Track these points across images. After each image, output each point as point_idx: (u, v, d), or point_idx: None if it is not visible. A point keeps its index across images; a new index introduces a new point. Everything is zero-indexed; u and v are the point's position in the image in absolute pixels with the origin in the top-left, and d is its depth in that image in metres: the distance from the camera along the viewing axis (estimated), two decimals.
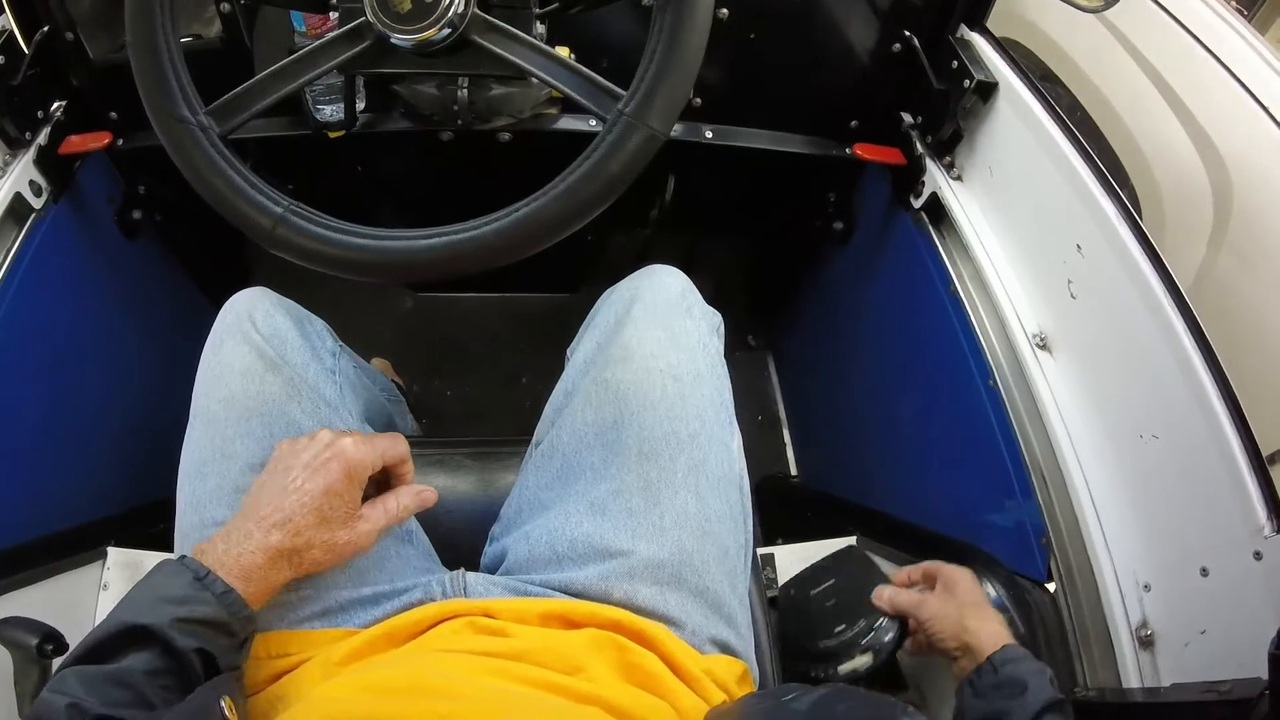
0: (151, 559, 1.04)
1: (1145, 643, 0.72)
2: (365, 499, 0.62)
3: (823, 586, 0.86)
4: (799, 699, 0.45)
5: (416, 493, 0.65)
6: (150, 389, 1.21)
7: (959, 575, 0.78)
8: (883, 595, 0.80)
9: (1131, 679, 0.71)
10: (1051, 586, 0.81)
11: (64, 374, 1.04)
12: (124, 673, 0.50)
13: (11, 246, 0.93)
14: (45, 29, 0.94)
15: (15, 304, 0.92)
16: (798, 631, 0.84)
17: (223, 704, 0.49)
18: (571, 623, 0.59)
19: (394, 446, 0.64)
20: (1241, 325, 1.00)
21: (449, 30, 0.65)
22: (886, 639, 0.78)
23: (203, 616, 0.52)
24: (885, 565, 0.97)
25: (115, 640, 0.51)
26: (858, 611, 0.80)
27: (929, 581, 0.80)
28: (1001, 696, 0.64)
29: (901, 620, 0.79)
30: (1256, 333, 0.98)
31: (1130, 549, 0.76)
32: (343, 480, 0.58)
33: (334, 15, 0.73)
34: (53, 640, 0.68)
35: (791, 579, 0.90)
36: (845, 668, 0.77)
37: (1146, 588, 0.74)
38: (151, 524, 1.11)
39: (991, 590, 0.86)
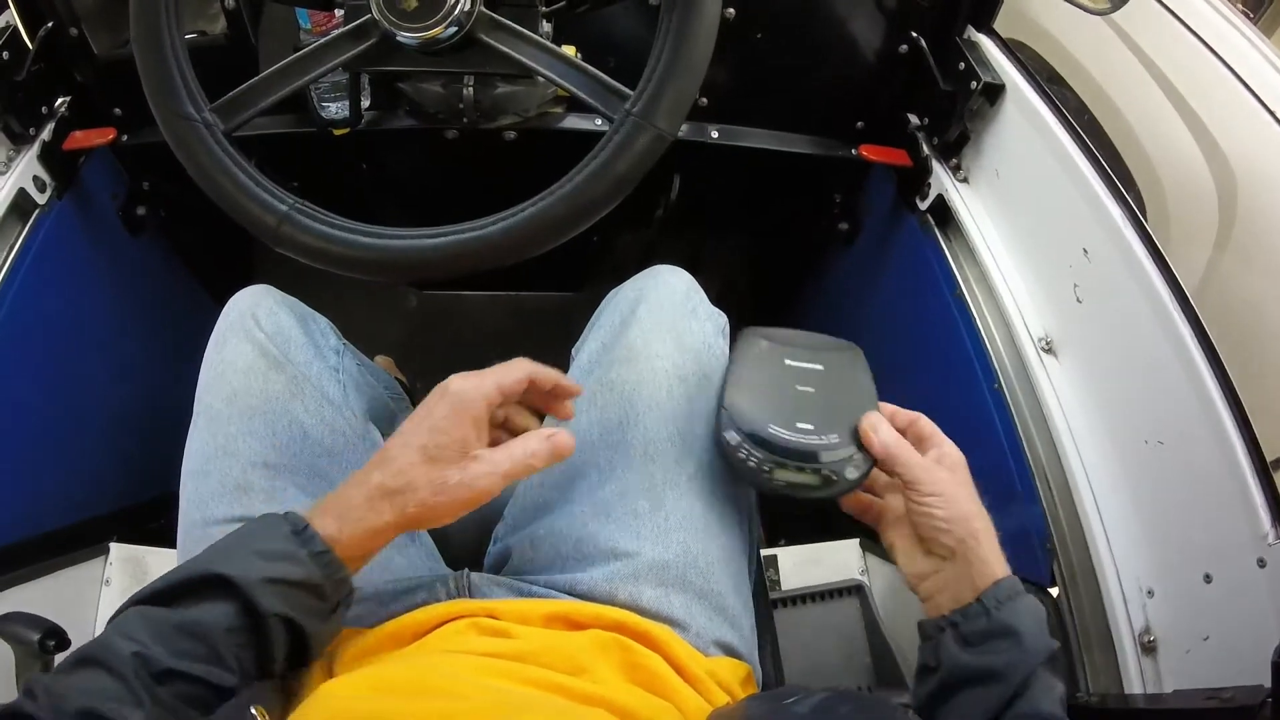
0: (154, 555, 1.04)
1: (1148, 648, 0.72)
2: None
3: (805, 365, 0.66)
4: (800, 702, 0.44)
5: (546, 437, 0.55)
6: (154, 385, 1.21)
7: (960, 460, 0.60)
8: (878, 432, 0.59)
9: (1134, 685, 0.71)
10: (1055, 591, 0.81)
11: (67, 370, 1.04)
12: (198, 624, 0.46)
13: (15, 242, 0.93)
14: (49, 25, 0.94)
15: (19, 300, 0.92)
16: (744, 384, 0.65)
17: (253, 711, 0.46)
18: (575, 624, 0.59)
19: (509, 371, 0.57)
20: (1246, 329, 1.00)
21: (455, 28, 0.65)
22: (850, 476, 0.61)
23: (295, 578, 0.49)
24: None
25: (194, 585, 0.48)
26: (832, 420, 0.62)
27: (918, 442, 0.61)
28: (991, 650, 0.52)
29: (873, 462, 0.61)
30: (1261, 337, 0.98)
31: (1134, 554, 0.76)
32: (448, 416, 0.53)
33: (339, 12, 0.73)
34: (55, 636, 0.69)
35: (772, 331, 0.69)
36: (783, 477, 0.61)
37: (1150, 593, 0.73)
38: (154, 519, 1.11)
39: None
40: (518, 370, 0.57)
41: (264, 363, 0.68)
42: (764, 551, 1.00)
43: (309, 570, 0.49)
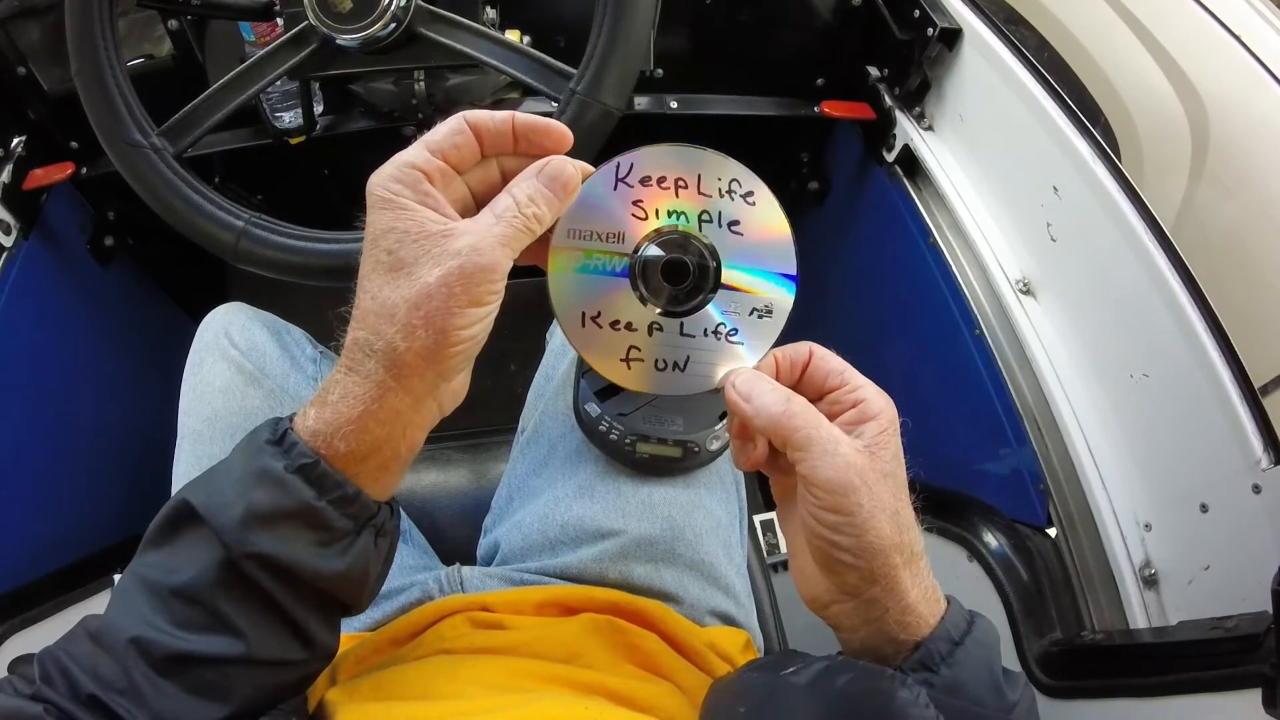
0: None
1: (1149, 582, 0.72)
2: None
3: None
4: (799, 672, 0.43)
5: (538, 171, 0.40)
6: (141, 413, 1.21)
7: (888, 419, 0.42)
8: (751, 399, 0.41)
9: (1138, 619, 0.71)
10: (1052, 532, 0.81)
11: (54, 408, 1.04)
12: (192, 584, 0.37)
13: None
14: None
15: None
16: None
17: None
18: (568, 609, 0.59)
19: (434, 130, 0.40)
20: (1225, 256, 0.99)
21: (394, 25, 0.64)
22: (711, 448, 0.54)
23: (270, 507, 0.37)
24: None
25: (172, 524, 0.39)
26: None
27: (821, 391, 0.43)
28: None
29: None
30: (1240, 263, 0.97)
31: (1129, 489, 0.76)
32: (387, 213, 0.38)
33: (281, 22, 0.72)
34: None
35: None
36: (645, 450, 0.55)
37: (1147, 527, 0.73)
38: None
39: (993, 540, 0.85)
40: (447, 124, 0.40)
41: (241, 380, 0.68)
42: (761, 516, 1.00)
43: (296, 492, 0.37)
